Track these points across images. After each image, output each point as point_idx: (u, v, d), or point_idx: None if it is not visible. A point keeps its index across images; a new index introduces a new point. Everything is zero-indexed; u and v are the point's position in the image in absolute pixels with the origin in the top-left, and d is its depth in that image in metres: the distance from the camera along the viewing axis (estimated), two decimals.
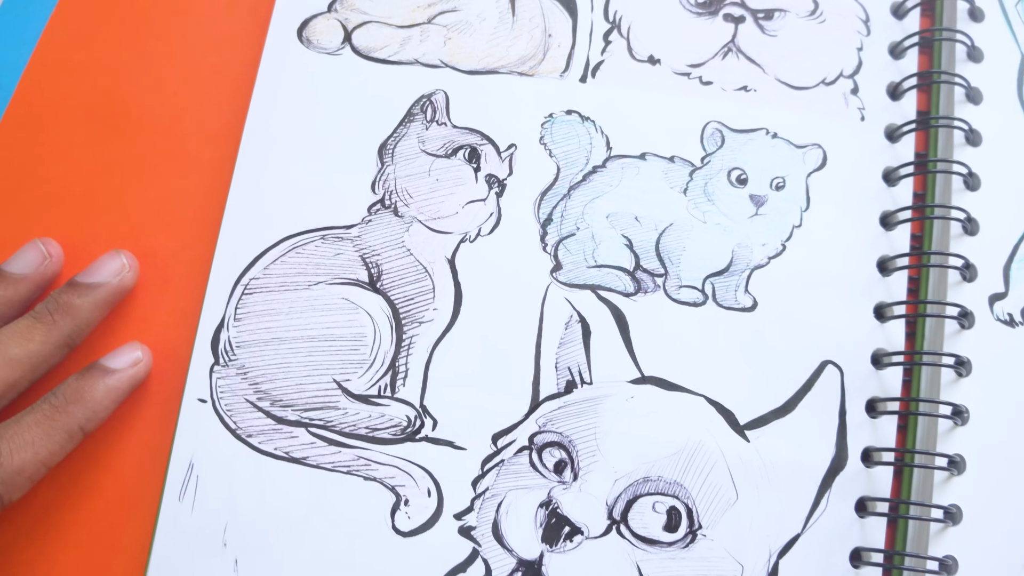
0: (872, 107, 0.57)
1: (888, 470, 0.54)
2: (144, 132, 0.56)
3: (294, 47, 0.57)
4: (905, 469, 0.54)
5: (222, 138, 0.56)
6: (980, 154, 0.57)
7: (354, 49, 0.57)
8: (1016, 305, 0.55)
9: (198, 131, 0.56)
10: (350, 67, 0.57)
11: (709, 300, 0.53)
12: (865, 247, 0.55)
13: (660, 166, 0.55)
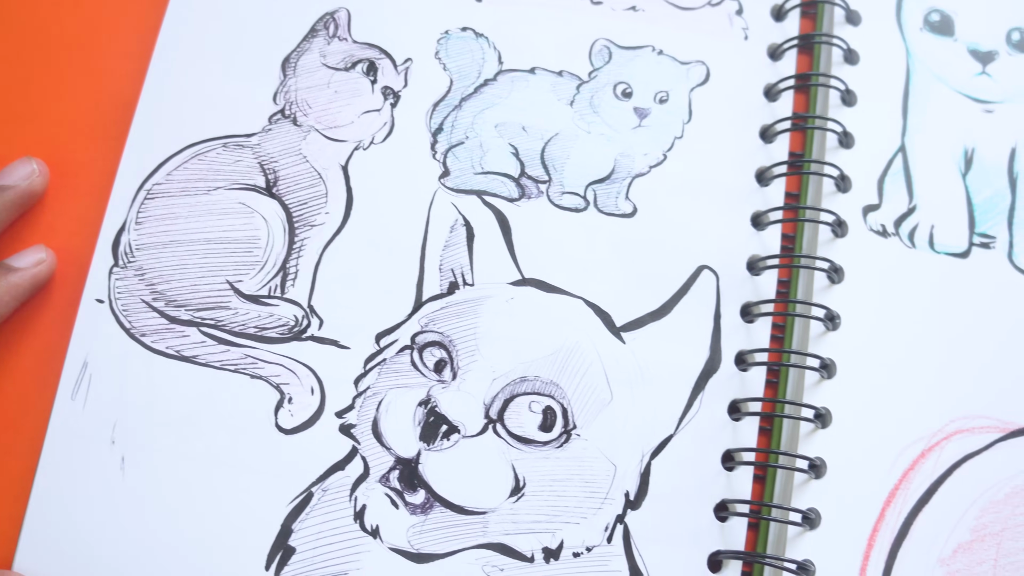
0: (756, 27, 0.46)
1: (761, 373, 0.43)
2: (59, 46, 0.46)
3: None
4: (781, 372, 0.43)
5: (134, 53, 0.47)
6: (858, 72, 0.45)
7: None
8: (889, 217, 0.44)
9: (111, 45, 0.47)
10: None
11: (590, 206, 0.42)
12: (744, 158, 0.43)
13: (548, 80, 0.43)
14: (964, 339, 0.46)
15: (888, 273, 0.45)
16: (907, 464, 0.44)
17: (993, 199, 0.46)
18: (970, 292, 0.46)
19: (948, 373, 0.45)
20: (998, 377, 0.45)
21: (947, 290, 0.45)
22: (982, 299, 0.45)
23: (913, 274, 0.45)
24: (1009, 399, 0.45)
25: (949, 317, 0.46)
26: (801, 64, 0.48)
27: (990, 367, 0.46)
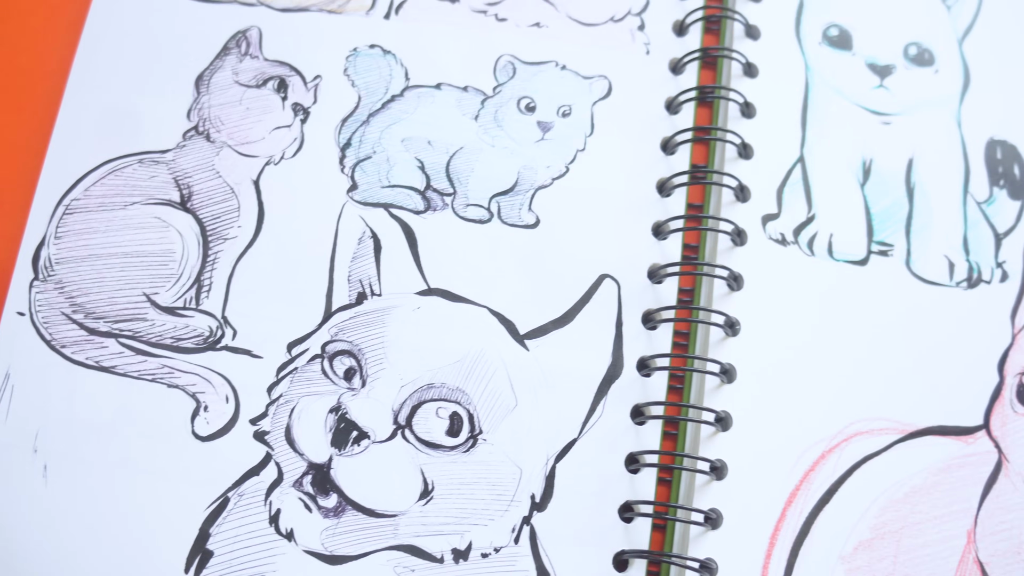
0: (657, 42, 0.55)
1: (663, 378, 0.52)
2: None
3: None
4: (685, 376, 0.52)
5: (53, 71, 0.56)
6: (757, 85, 0.56)
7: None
8: (788, 226, 0.53)
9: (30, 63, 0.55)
10: (174, 6, 0.56)
11: (494, 217, 0.51)
12: (645, 170, 0.53)
13: (454, 95, 0.53)
14: (864, 343, 0.55)
15: (787, 280, 0.55)
16: (808, 465, 0.53)
17: (891, 208, 0.56)
18: (869, 298, 0.55)
19: (848, 376, 0.54)
20: (897, 380, 0.54)
21: (846, 296, 0.54)
22: (881, 305, 0.55)
23: (812, 281, 0.54)
24: (908, 401, 0.54)
25: (848, 322, 0.54)
26: (703, 77, 0.57)
27: (889, 370, 0.54)
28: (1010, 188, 0.57)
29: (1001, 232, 0.56)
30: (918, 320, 0.55)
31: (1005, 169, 0.57)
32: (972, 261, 0.56)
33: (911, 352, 0.55)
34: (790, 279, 0.54)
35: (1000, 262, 0.56)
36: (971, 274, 0.55)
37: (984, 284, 0.55)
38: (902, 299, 0.56)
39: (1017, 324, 0.55)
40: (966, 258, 0.56)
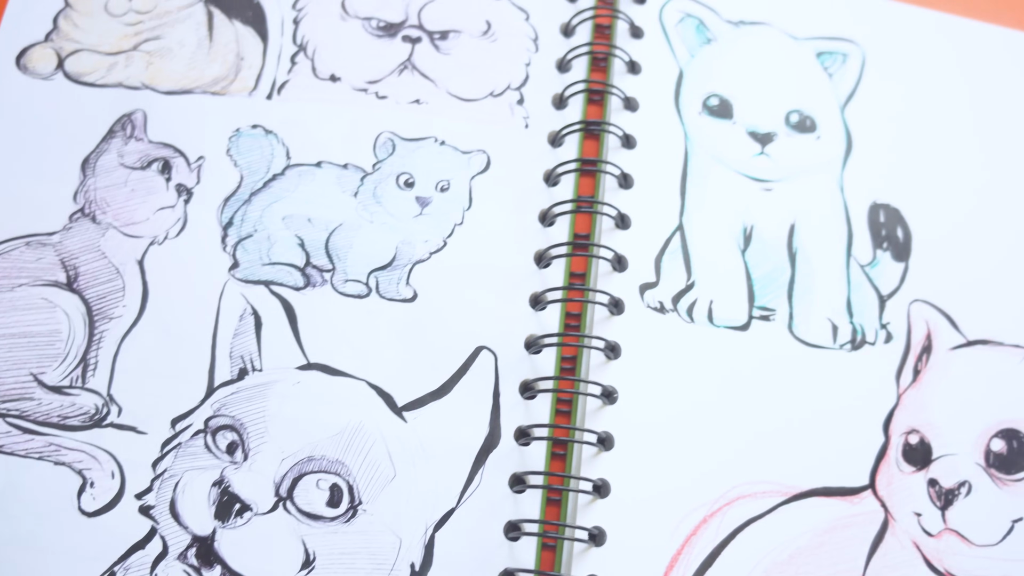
0: (536, 116, 0.68)
1: (542, 447, 0.63)
2: None
3: (11, 74, 0.70)
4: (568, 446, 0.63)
5: None
6: (635, 156, 0.69)
7: (66, 74, 0.68)
8: (667, 294, 0.65)
9: None
10: (61, 90, 0.67)
11: (373, 292, 0.63)
12: (524, 242, 0.65)
13: (334, 172, 0.65)
14: (746, 408, 0.66)
15: (666, 348, 0.67)
16: (689, 530, 0.64)
17: (773, 273, 0.68)
18: (751, 363, 0.67)
19: (730, 441, 0.66)
20: (781, 443, 0.66)
21: (727, 362, 0.66)
22: (763, 369, 0.67)
23: (692, 348, 0.66)
24: (791, 464, 0.66)
25: (730, 387, 0.66)
26: (587, 149, 0.70)
27: (772, 434, 0.66)
28: (893, 250, 0.69)
29: (885, 294, 0.68)
30: (801, 384, 0.66)
31: (888, 232, 0.69)
32: (856, 323, 0.67)
33: (794, 415, 0.67)
34: (669, 347, 0.67)
35: (884, 323, 0.67)
36: (855, 336, 0.67)
37: (868, 346, 0.67)
38: (785, 363, 0.67)
39: (902, 384, 0.67)
40: (850, 321, 0.67)
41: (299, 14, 0.70)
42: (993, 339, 0.69)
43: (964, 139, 0.76)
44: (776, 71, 0.74)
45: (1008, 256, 0.73)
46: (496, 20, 0.71)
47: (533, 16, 0.71)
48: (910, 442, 0.66)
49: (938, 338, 0.69)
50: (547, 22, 0.71)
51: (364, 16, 0.70)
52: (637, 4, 0.73)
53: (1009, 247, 0.73)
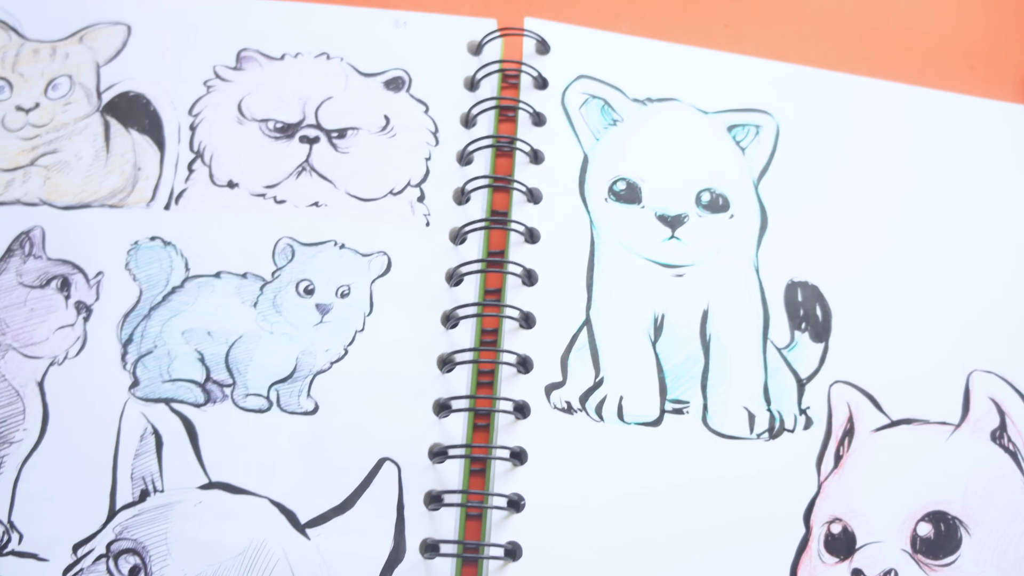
0: (438, 213, 0.67)
1: (448, 560, 0.63)
2: None
3: None
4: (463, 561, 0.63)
5: None
6: (538, 251, 0.68)
7: None
8: (574, 393, 0.65)
9: None
10: None
11: (274, 406, 0.63)
12: (426, 346, 0.65)
13: (233, 283, 0.65)
14: (660, 504, 0.66)
15: (574, 450, 0.66)
16: None
17: (685, 363, 0.67)
18: (664, 459, 0.67)
19: (645, 543, 0.65)
20: (697, 538, 0.66)
21: (640, 459, 0.67)
22: (677, 464, 0.67)
23: (602, 448, 0.66)
24: (709, 560, 0.65)
25: (643, 485, 0.66)
26: (494, 240, 0.71)
27: (688, 529, 0.66)
28: (812, 331, 0.68)
29: (804, 377, 0.67)
30: (718, 477, 0.66)
31: (807, 311, 0.69)
32: (773, 410, 0.66)
33: (711, 509, 0.66)
34: (578, 449, 0.66)
35: (804, 408, 0.67)
36: (773, 424, 0.66)
37: (787, 433, 0.66)
38: (700, 457, 0.67)
39: (823, 471, 0.66)
40: (767, 408, 0.66)
41: (195, 120, 0.70)
42: (918, 417, 0.69)
43: (884, 209, 0.76)
44: (686, 149, 0.74)
45: (931, 330, 0.73)
46: (395, 114, 0.70)
47: (433, 108, 0.71)
48: (832, 532, 0.65)
49: (860, 420, 0.68)
50: (447, 113, 0.71)
51: (261, 118, 0.69)
52: (538, 90, 0.71)
53: (931, 320, 0.73)
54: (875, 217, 0.75)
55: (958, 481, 0.69)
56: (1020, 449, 0.69)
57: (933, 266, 0.73)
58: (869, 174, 0.76)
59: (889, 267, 0.73)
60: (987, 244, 0.76)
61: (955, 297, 0.74)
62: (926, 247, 0.75)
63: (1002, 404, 0.70)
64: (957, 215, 0.77)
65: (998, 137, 0.80)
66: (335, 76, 0.72)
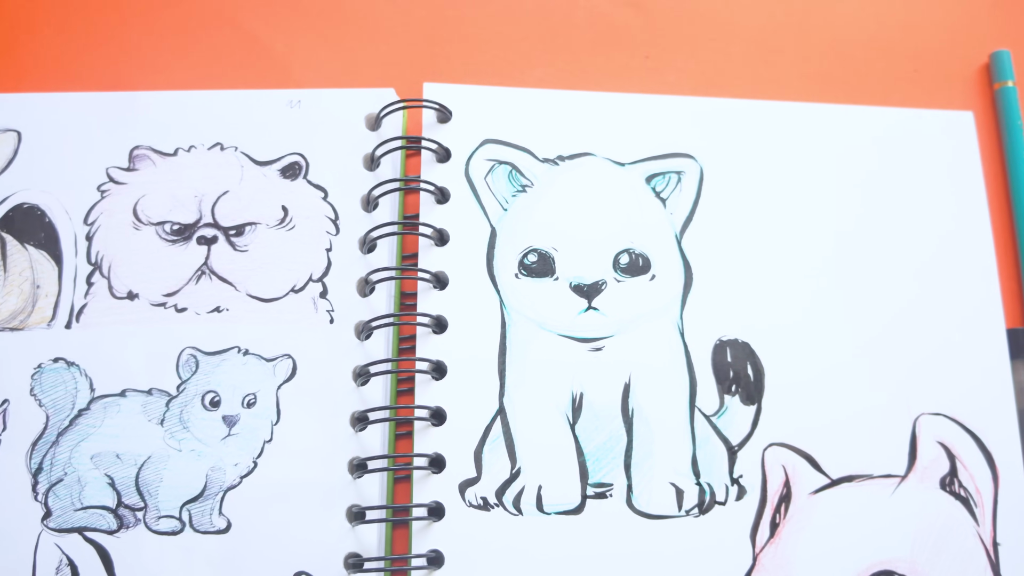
0: (341, 307, 0.67)
1: None
2: None
3: None
4: None
5: None
6: (446, 342, 0.66)
7: None
8: (490, 488, 0.64)
9: None
10: None
11: (186, 527, 0.63)
12: (336, 451, 0.65)
13: (139, 400, 0.64)
14: None
15: (493, 548, 0.66)
16: None
17: (607, 444, 0.66)
18: (588, 547, 0.67)
19: None
20: None
21: (562, 550, 0.67)
22: (603, 552, 0.67)
23: (522, 542, 0.66)
24: None
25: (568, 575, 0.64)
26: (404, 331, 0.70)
27: None
28: (743, 393, 0.67)
29: (735, 444, 0.66)
30: (646, 560, 0.66)
31: (737, 372, 0.67)
32: (703, 483, 0.65)
33: None
34: (496, 545, 0.66)
35: (736, 477, 0.65)
36: (703, 498, 0.65)
37: (718, 506, 0.65)
38: (626, 541, 0.67)
39: (758, 543, 0.65)
40: (696, 481, 0.65)
41: (91, 228, 0.69)
42: (860, 473, 0.67)
43: (818, 248, 0.75)
44: (601, 208, 0.73)
45: (873, 376, 0.72)
46: (292, 204, 0.69)
47: (332, 193, 0.70)
48: None
49: (797, 483, 0.67)
50: (347, 197, 0.70)
51: (157, 221, 0.69)
52: (441, 163, 0.69)
53: (873, 365, 0.72)
54: (809, 258, 0.72)
55: (905, 536, 0.68)
56: (972, 494, 0.67)
57: (874, 306, 0.71)
58: (801, 212, 0.74)
59: (825, 312, 0.71)
60: (933, 274, 0.74)
61: (899, 337, 0.72)
62: (866, 285, 0.74)
63: (952, 448, 0.68)
64: (899, 245, 0.75)
65: (943, 152, 0.78)
66: (230, 168, 0.70)
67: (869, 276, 0.72)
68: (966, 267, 0.73)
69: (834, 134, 0.75)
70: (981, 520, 0.68)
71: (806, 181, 0.74)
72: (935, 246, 0.74)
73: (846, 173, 0.74)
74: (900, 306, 0.72)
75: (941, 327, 0.72)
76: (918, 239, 0.74)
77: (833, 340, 0.71)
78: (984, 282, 0.73)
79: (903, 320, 0.72)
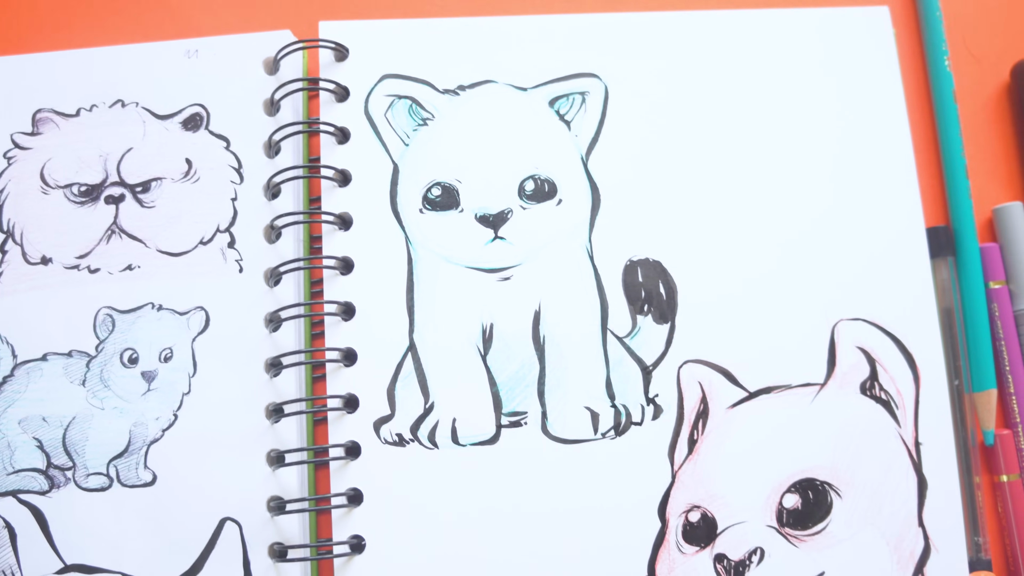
0: (250, 255, 0.71)
1: None
2: None
3: None
4: None
5: None
6: (353, 281, 0.72)
7: None
8: (404, 424, 0.68)
9: None
10: None
11: (114, 482, 0.67)
12: (252, 398, 0.69)
13: (60, 363, 0.69)
14: (507, 525, 0.71)
15: (410, 483, 0.71)
16: None
17: (519, 373, 0.70)
18: (506, 476, 0.71)
19: (491, 563, 0.70)
20: (547, 552, 0.70)
21: (480, 481, 0.71)
22: (519, 479, 0.71)
23: (439, 476, 0.70)
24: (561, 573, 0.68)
25: (487, 507, 0.71)
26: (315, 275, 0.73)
27: (537, 544, 0.71)
28: (656, 312, 0.70)
29: (650, 364, 0.69)
30: (563, 485, 0.71)
31: (648, 291, 0.70)
32: (618, 405, 0.69)
33: (559, 521, 0.71)
34: (414, 480, 0.71)
35: (652, 397, 0.69)
36: (618, 420, 0.69)
37: (635, 427, 0.69)
38: (543, 468, 0.72)
39: (676, 460, 0.68)
40: (611, 404, 0.69)
41: (1, 196, 0.72)
42: (779, 384, 0.69)
43: (728, 160, 0.76)
44: (505, 136, 0.75)
45: (789, 286, 0.74)
46: (196, 156, 0.72)
47: (234, 142, 0.73)
48: (690, 520, 0.69)
49: (715, 398, 0.70)
50: (250, 145, 0.72)
51: (64, 184, 0.72)
52: (340, 102, 0.71)
53: (789, 275, 0.74)
54: (720, 170, 0.76)
55: (825, 443, 0.72)
56: (893, 397, 0.70)
57: (788, 214, 0.74)
58: (711, 123, 0.77)
59: (738, 224, 0.74)
60: (850, 176, 0.76)
61: (815, 243, 0.75)
62: (780, 193, 0.76)
63: (872, 351, 0.71)
64: (814, 149, 0.77)
65: (858, 51, 0.79)
66: (132, 125, 0.73)
67: (783, 183, 0.75)
68: (884, 167, 0.75)
69: (743, 40, 0.77)
70: (903, 421, 0.70)
71: (716, 91, 0.76)
72: (852, 148, 0.76)
73: (757, 80, 0.76)
74: (816, 212, 0.74)
75: (859, 230, 0.74)
76: (834, 142, 0.76)
77: (747, 252, 0.73)
78: (902, 182, 0.75)
79: (819, 226, 0.74)
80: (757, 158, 0.76)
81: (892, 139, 0.76)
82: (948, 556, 0.71)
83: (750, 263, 0.74)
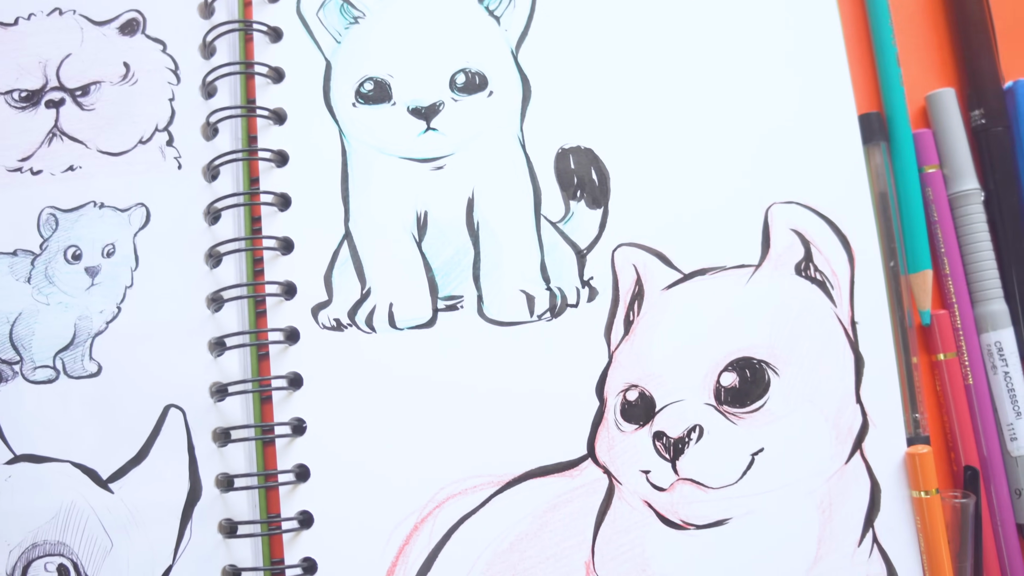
0: (188, 153, 0.76)
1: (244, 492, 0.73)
2: None
3: None
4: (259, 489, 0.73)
5: None
6: (289, 172, 0.76)
7: None
8: (342, 309, 0.72)
9: None
10: None
11: (61, 374, 0.71)
12: (193, 289, 0.73)
13: (6, 262, 0.74)
14: (444, 406, 0.75)
15: (349, 366, 0.75)
16: (401, 541, 0.74)
17: (455, 258, 0.74)
18: (443, 359, 0.75)
19: (431, 444, 0.75)
20: (486, 434, 0.75)
21: (418, 363, 0.75)
22: (457, 362, 0.76)
23: (377, 358, 0.74)
24: (500, 452, 0.74)
25: (424, 389, 0.75)
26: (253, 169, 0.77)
27: (476, 427, 0.75)
28: (589, 197, 0.73)
29: (583, 247, 0.73)
30: (500, 367, 0.75)
31: (581, 177, 0.74)
32: (554, 288, 0.72)
33: (497, 402, 0.75)
34: (352, 364, 0.75)
35: (587, 280, 0.72)
36: (554, 302, 0.72)
37: (570, 309, 0.72)
38: (480, 350, 0.76)
39: (613, 341, 0.72)
40: (546, 287, 0.72)
41: None
42: (713, 266, 0.72)
43: (655, 47, 0.79)
44: (435, 31, 0.79)
45: (720, 170, 0.77)
46: (133, 60, 0.76)
47: (171, 45, 0.77)
48: (628, 399, 0.72)
49: (649, 280, 0.73)
50: (186, 47, 0.77)
51: (5, 90, 0.76)
52: (272, 3, 0.75)
53: (720, 159, 0.77)
54: (649, 57, 0.79)
55: (762, 323, 0.75)
56: (828, 277, 0.73)
57: (720, 98, 0.78)
58: (639, 14, 0.80)
59: (670, 111, 0.78)
60: (781, 61, 0.79)
61: (747, 129, 0.79)
62: (711, 78, 0.79)
63: (805, 233, 0.74)
64: (745, 34, 0.79)
65: None
66: (70, 31, 0.77)
67: (714, 68, 0.79)
68: (815, 53, 0.79)
69: None
70: (838, 301, 0.74)
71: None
72: (783, 35, 0.80)
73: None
74: (748, 97, 0.78)
75: (791, 116, 0.78)
76: (765, 29, 0.80)
77: (679, 138, 0.77)
78: (834, 68, 0.79)
79: (751, 111, 0.78)
80: (688, 45, 0.80)
81: (823, 26, 0.80)
82: (885, 431, 0.74)
83: (683, 149, 0.77)
